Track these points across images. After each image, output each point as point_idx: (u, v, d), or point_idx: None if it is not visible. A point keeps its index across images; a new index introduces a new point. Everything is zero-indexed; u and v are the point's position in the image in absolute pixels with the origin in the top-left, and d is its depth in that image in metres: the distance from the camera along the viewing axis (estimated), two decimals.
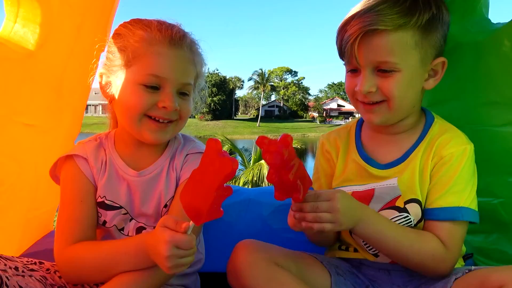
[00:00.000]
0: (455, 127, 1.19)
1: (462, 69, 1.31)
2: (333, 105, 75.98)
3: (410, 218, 1.15)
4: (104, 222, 1.19)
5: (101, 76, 1.18)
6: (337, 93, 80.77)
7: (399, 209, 1.15)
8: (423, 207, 1.13)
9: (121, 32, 1.13)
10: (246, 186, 10.75)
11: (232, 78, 72.61)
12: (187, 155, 1.24)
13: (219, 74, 66.66)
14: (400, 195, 1.15)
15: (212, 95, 62.51)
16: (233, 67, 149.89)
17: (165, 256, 0.89)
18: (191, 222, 0.89)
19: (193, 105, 1.23)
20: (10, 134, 1.30)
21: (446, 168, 1.10)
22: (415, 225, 1.15)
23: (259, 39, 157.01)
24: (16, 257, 1.09)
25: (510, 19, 1.13)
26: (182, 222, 0.90)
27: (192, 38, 1.18)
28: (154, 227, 1.18)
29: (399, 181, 1.15)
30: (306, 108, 77.32)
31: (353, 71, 1.14)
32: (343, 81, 1.23)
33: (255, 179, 11.21)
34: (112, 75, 1.14)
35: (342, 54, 1.15)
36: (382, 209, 1.18)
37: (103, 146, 1.23)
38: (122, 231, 1.21)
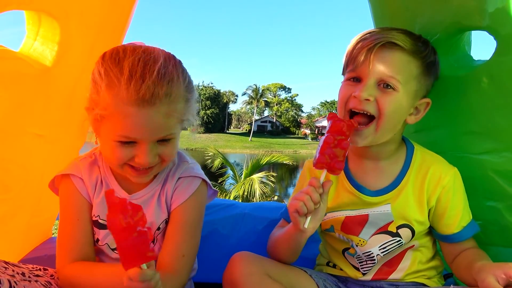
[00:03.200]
0: (435, 153, 1.30)
1: (446, 100, 1.40)
2: (325, 123, 75.55)
3: (401, 242, 1.24)
4: (97, 240, 1.22)
5: (87, 111, 1.10)
6: (330, 111, 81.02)
7: (392, 234, 1.24)
8: (414, 230, 1.23)
9: (96, 79, 1.05)
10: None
11: (226, 92, 72.90)
12: (179, 178, 1.24)
13: (214, 87, 66.93)
14: (393, 221, 1.24)
15: (206, 108, 62.60)
16: (227, 81, 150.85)
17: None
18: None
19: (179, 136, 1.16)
20: (22, 144, 1.37)
21: (453, 193, 1.22)
22: (404, 244, 1.25)
23: (255, 54, 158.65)
24: (22, 264, 1.14)
25: (489, 58, 1.24)
26: None
27: (170, 80, 1.04)
28: None
29: (393, 208, 1.23)
30: (298, 124, 77.77)
31: (355, 79, 1.18)
32: (336, 99, 1.26)
33: (246, 194, 11.18)
34: (92, 114, 1.07)
35: (350, 61, 1.18)
36: (375, 233, 1.26)
37: (98, 163, 1.23)
38: (115, 251, 1.22)
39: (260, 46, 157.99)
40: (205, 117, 61.98)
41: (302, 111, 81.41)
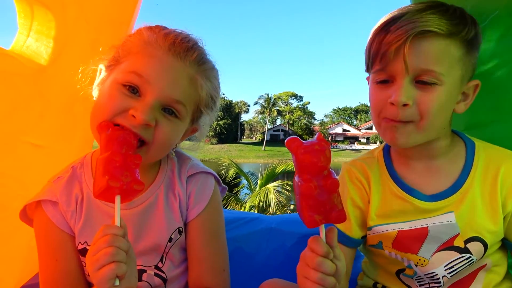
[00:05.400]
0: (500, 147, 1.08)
1: (503, 90, 1.22)
2: (339, 130, 76.15)
3: (472, 259, 1.02)
4: None
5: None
6: (342, 118, 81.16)
7: (460, 250, 1.02)
8: (487, 244, 1.01)
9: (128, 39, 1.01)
10: (252, 211, 10.55)
11: (238, 102, 73.26)
12: (188, 177, 1.09)
13: (225, 98, 67.35)
14: (459, 233, 1.02)
15: (218, 119, 62.97)
16: (239, 92, 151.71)
17: (88, 264, 0.77)
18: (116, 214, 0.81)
19: (181, 133, 1.04)
20: (17, 155, 1.22)
21: None
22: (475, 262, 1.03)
23: (266, 64, 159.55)
24: None
25: None
26: None
27: (206, 58, 1.02)
28: (157, 267, 1.06)
29: (457, 217, 1.01)
30: (311, 132, 77.45)
31: (384, 82, 0.99)
32: (348, 106, 1.10)
33: (262, 203, 11.01)
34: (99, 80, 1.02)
35: (377, 57, 0.98)
36: (439, 250, 1.04)
37: (78, 178, 1.05)
38: None
39: (271, 57, 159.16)
40: (217, 128, 62.40)
41: (315, 119, 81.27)
